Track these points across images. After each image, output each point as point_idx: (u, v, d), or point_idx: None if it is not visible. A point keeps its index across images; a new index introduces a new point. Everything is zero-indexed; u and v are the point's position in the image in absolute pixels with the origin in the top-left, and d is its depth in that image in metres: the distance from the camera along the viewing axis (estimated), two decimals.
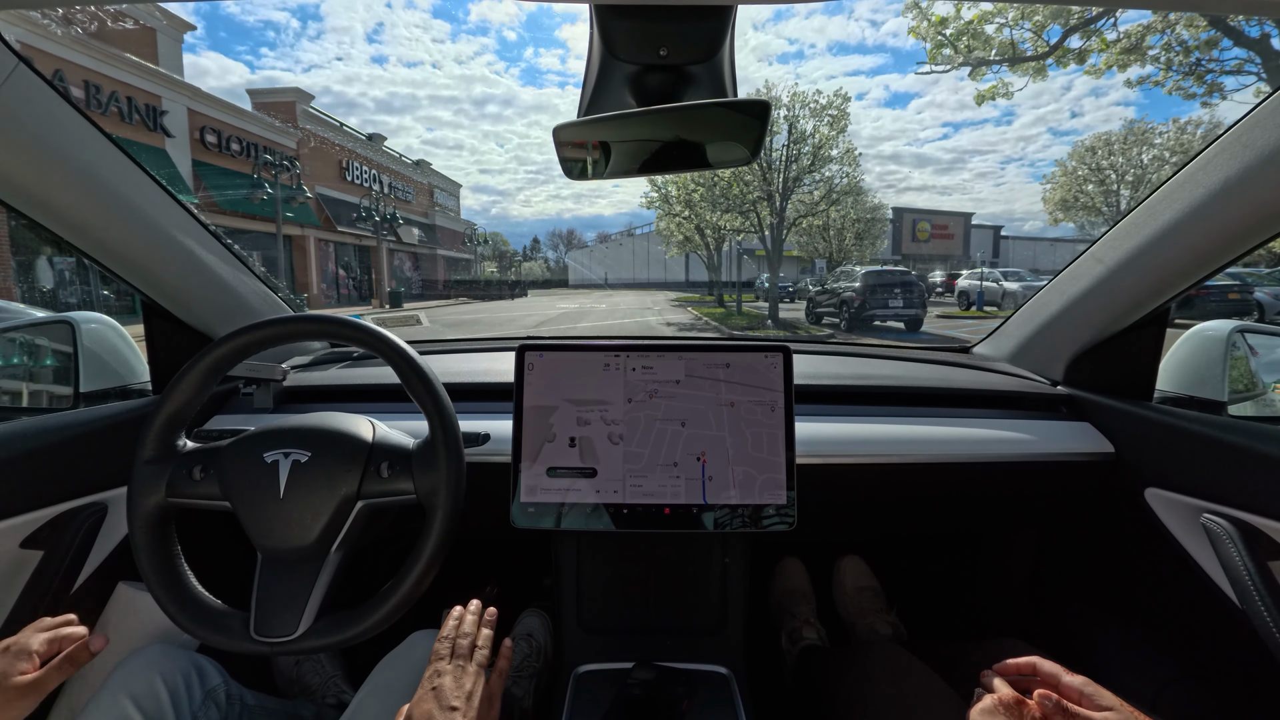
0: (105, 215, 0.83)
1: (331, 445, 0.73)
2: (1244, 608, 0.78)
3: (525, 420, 0.88)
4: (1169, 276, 0.90)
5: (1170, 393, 1.07)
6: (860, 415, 1.07)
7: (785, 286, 23.73)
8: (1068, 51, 8.14)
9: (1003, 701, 0.57)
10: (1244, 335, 1.07)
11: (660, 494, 0.87)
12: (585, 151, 0.76)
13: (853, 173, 15.90)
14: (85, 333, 1.10)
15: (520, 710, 1.11)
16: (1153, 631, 1.01)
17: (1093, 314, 1.04)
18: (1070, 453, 1.03)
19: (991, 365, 1.29)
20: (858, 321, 12.32)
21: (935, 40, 8.43)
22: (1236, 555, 0.80)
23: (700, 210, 15.90)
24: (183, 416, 0.74)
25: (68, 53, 12.10)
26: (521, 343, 0.91)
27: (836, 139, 14.87)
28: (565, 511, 0.86)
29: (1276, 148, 0.69)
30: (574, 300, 29.91)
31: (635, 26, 0.60)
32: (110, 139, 0.81)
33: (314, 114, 20.93)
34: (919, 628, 1.32)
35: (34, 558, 0.84)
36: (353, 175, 23.33)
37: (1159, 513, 0.95)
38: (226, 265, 1.04)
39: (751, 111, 0.69)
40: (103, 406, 0.98)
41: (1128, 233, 0.93)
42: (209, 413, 1.06)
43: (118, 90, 13.26)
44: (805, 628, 1.30)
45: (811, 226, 17.93)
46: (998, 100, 8.61)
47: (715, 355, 0.90)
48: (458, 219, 37.88)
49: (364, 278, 25.05)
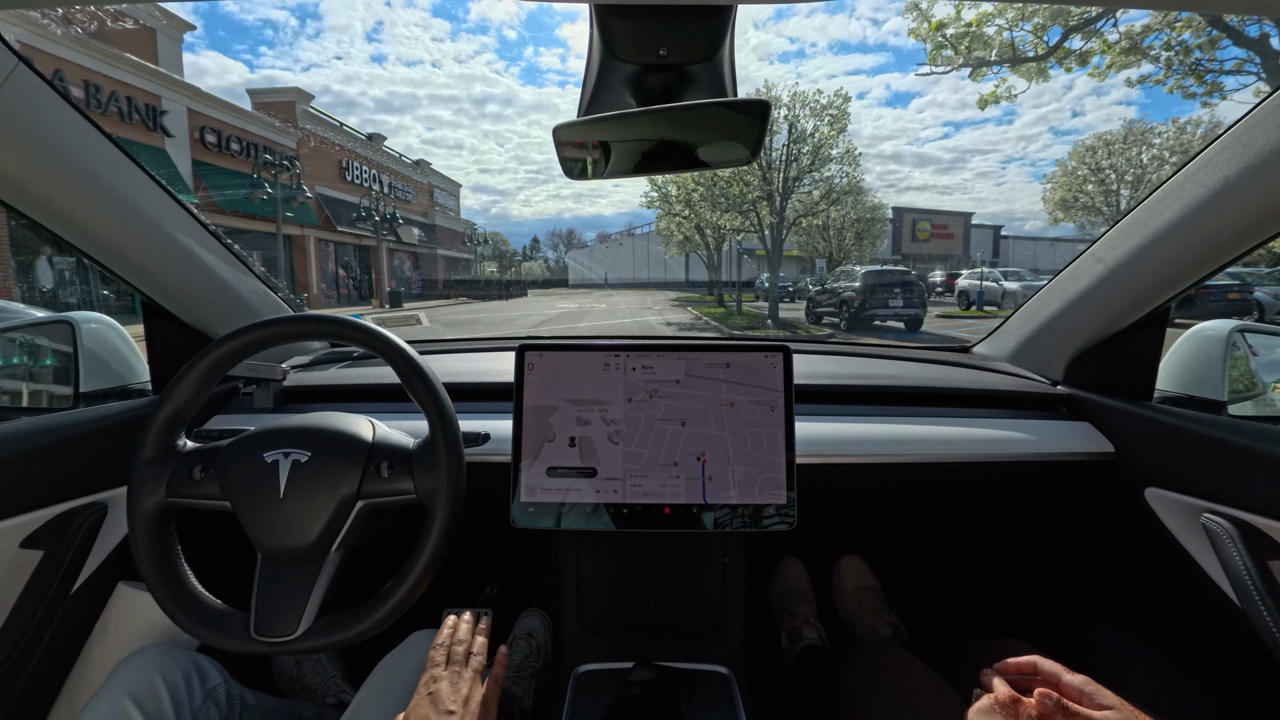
0: (105, 215, 0.83)
1: (331, 445, 0.73)
2: (1244, 607, 0.78)
3: (525, 420, 0.88)
4: (1169, 276, 0.90)
5: (1170, 392, 1.07)
6: (860, 415, 1.07)
7: (785, 286, 23.73)
8: (1069, 53, 8.09)
9: (1000, 701, 0.58)
10: (1244, 335, 1.07)
11: (660, 494, 0.87)
12: (585, 151, 0.76)
13: (853, 172, 15.92)
14: (85, 332, 1.10)
15: (520, 710, 1.11)
16: (1153, 631, 1.01)
17: (1093, 313, 1.04)
18: (1070, 452, 1.03)
19: (992, 365, 1.29)
20: (858, 321, 12.32)
21: (935, 42, 8.39)
22: (1236, 555, 0.80)
23: (700, 210, 15.90)
24: (182, 417, 0.74)
25: (68, 53, 12.09)
26: (521, 342, 0.91)
27: (836, 139, 14.89)
28: (565, 511, 0.87)
29: (1275, 148, 0.69)
30: (574, 300, 29.90)
31: (635, 26, 0.60)
32: (110, 139, 0.81)
33: (314, 114, 20.94)
34: (919, 628, 1.32)
35: (34, 558, 0.84)
36: (353, 175, 23.33)
37: (1159, 512, 0.95)
38: (226, 265, 1.04)
39: (751, 111, 0.69)
40: (103, 406, 0.98)
41: (1128, 232, 0.93)
42: (209, 412, 1.06)
43: (118, 90, 13.25)
44: (805, 627, 1.30)
45: (811, 226, 17.92)
46: (1001, 102, 8.56)
47: (715, 355, 0.90)
48: (458, 219, 37.87)
49: (364, 278, 25.05)
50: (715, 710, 0.92)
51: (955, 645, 0.98)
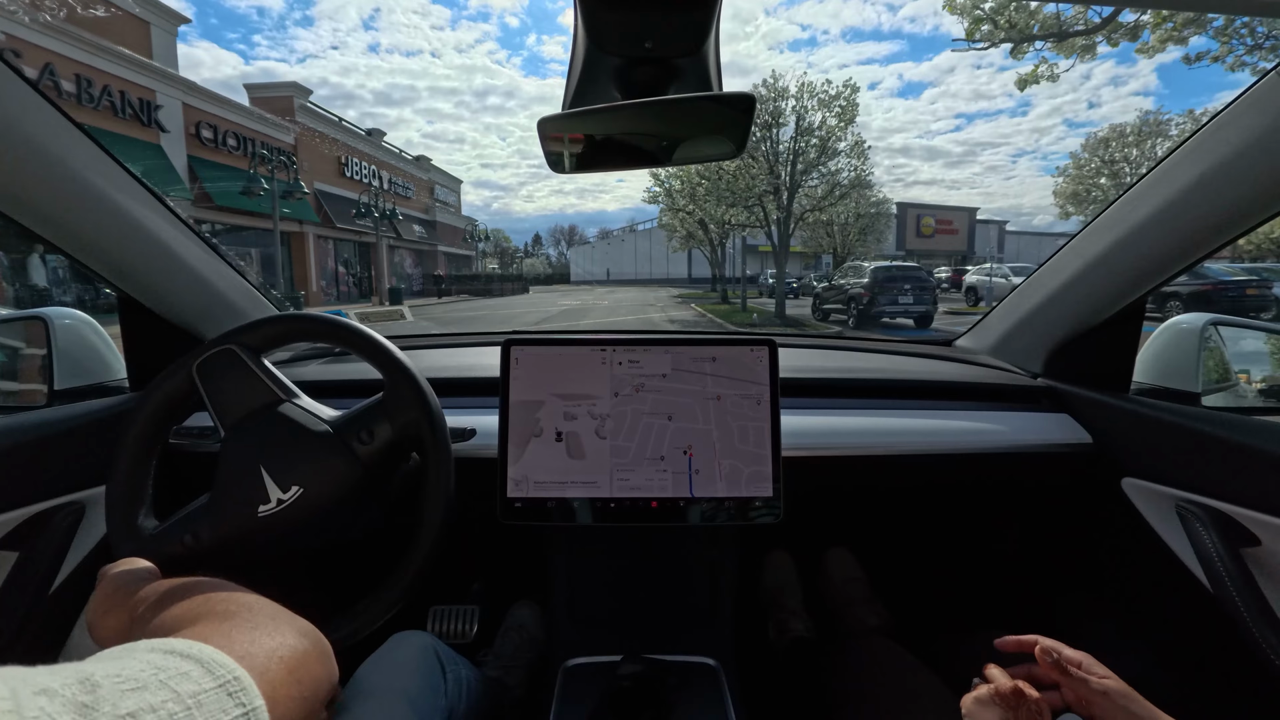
0: (77, 208, 0.82)
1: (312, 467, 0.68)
2: (1216, 593, 0.81)
3: (511, 415, 0.89)
4: (1145, 270, 0.92)
5: (1147, 384, 1.09)
6: (845, 408, 1.09)
7: (789, 282, 23.68)
8: (1120, 26, 7.37)
9: (1000, 693, 0.59)
10: (1217, 328, 1.09)
11: (647, 488, 0.88)
12: (570, 145, 0.77)
13: (861, 166, 15.78)
14: (59, 329, 1.08)
15: (512, 700, 1.13)
16: (1131, 617, 1.04)
17: (1072, 307, 1.07)
18: (1050, 443, 1.05)
19: (974, 358, 1.32)
20: (866, 318, 12.23)
21: (974, 16, 7.73)
22: (1209, 542, 0.82)
23: (705, 204, 15.81)
24: (135, 501, 0.69)
25: (59, 45, 12.00)
26: (507, 337, 0.92)
27: (845, 131, 14.77)
28: (552, 506, 0.88)
29: (1246, 146, 0.71)
30: (576, 297, 29.93)
31: (620, 18, 0.60)
32: (83, 130, 0.80)
33: (312, 109, 20.99)
34: (904, 617, 1.35)
35: (9, 559, 0.84)
36: (352, 171, 23.35)
37: (1136, 502, 0.97)
38: (206, 260, 1.03)
39: (737, 105, 0.70)
40: (78, 404, 0.97)
41: (1106, 227, 0.95)
42: (190, 409, 1.02)
43: (110, 84, 13.15)
44: (793, 619, 1.33)
45: (816, 221, 17.86)
46: (1041, 84, 7.87)
47: (702, 349, 0.91)
48: (459, 215, 37.92)
49: (364, 275, 25.11)
50: (704, 702, 0.93)
51: (940, 635, 1.00)
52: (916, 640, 0.95)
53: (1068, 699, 0.61)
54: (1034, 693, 0.58)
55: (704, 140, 0.76)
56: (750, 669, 1.08)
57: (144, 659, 0.31)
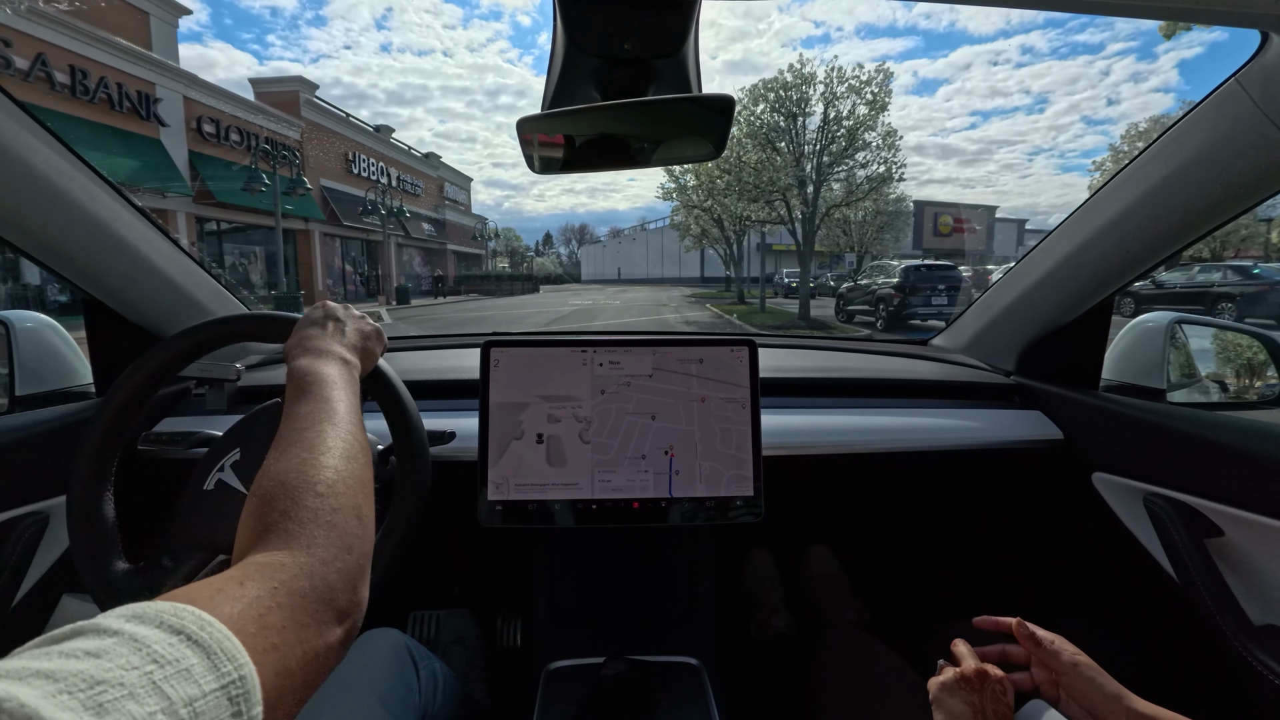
0: (36, 206, 0.82)
1: None
2: (1181, 581, 0.85)
3: (492, 417, 0.90)
4: (1113, 270, 0.96)
5: (1115, 381, 1.12)
6: (824, 407, 1.12)
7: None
8: None
9: (965, 676, 0.60)
10: (1182, 326, 1.13)
11: (629, 488, 0.90)
12: (549, 146, 0.77)
13: (891, 158, 14.95)
14: (20, 332, 1.07)
15: (482, 713, 1.14)
16: (1100, 606, 1.08)
17: (1042, 306, 1.11)
18: (1022, 440, 1.09)
19: (949, 357, 1.36)
20: (897, 320, 11.64)
21: None
22: (1175, 533, 0.86)
23: (723, 199, 15.03)
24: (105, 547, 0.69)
25: (52, 35, 11.53)
26: (486, 339, 0.94)
27: (875, 120, 13.96)
28: (533, 509, 0.89)
29: (1209, 149, 0.74)
30: (587, 296, 29.57)
31: (599, 19, 0.61)
32: (45, 127, 0.80)
33: (318, 104, 20.78)
34: (882, 612, 1.39)
35: None
36: (359, 168, 23.18)
37: (1106, 496, 1.01)
38: (170, 257, 1.03)
39: (716, 107, 0.70)
40: (41, 411, 0.96)
41: (1075, 229, 0.99)
42: (158, 415, 1.05)
43: (107, 76, 12.68)
44: (774, 616, 1.36)
45: (842, 217, 17.11)
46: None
47: (685, 350, 0.93)
48: (469, 213, 37.85)
49: (371, 273, 24.94)
50: (687, 701, 0.96)
51: (917, 627, 1.06)
52: (893, 632, 0.98)
53: (1037, 678, 0.63)
54: (998, 673, 0.60)
55: (683, 141, 0.77)
56: (732, 667, 1.11)
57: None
